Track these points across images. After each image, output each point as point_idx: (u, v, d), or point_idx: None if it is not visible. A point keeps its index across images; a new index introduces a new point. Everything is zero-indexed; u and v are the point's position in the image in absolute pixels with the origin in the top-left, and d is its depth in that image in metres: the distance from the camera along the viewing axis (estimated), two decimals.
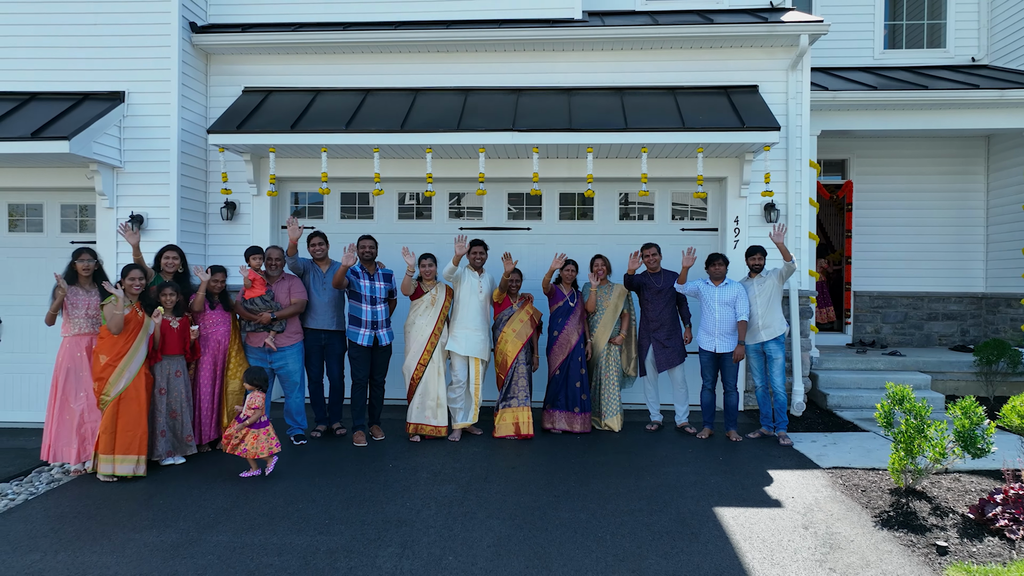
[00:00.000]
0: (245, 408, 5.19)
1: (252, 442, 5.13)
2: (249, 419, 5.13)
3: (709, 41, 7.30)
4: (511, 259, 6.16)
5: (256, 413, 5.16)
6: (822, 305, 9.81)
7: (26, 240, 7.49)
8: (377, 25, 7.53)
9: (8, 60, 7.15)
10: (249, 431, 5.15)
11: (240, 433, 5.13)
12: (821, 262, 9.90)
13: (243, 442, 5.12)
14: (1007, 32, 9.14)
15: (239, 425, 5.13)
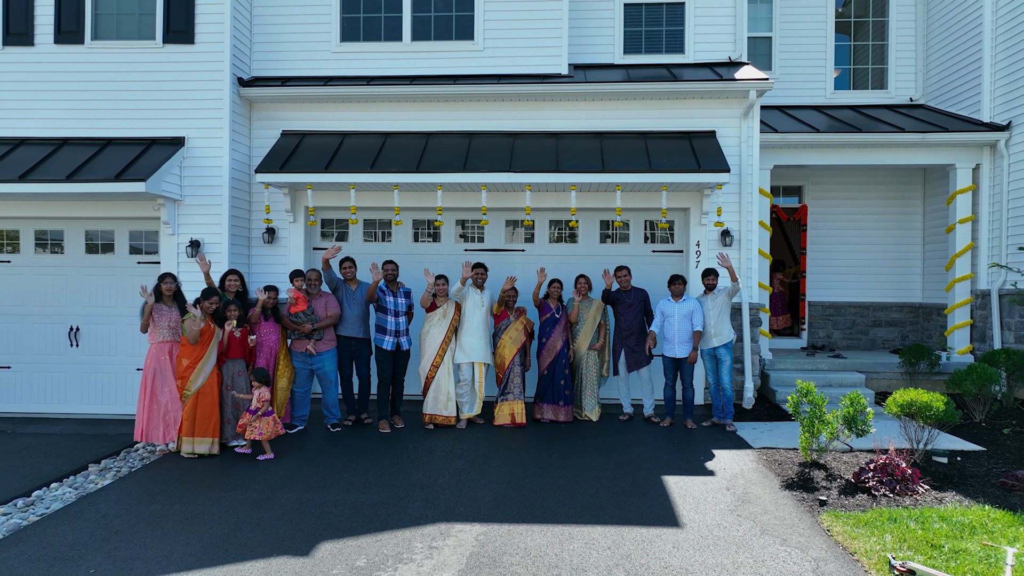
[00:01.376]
0: (256, 401, 6.53)
1: (268, 427, 6.48)
2: (260, 410, 6.48)
3: (674, 94, 8.69)
4: (510, 280, 7.58)
5: (265, 405, 6.51)
6: (779, 313, 11.21)
7: (100, 260, 8.87)
8: (395, 79, 8.92)
9: (89, 111, 8.54)
10: (262, 419, 6.50)
11: (257, 422, 6.44)
12: (778, 275, 11.27)
13: (258, 428, 6.43)
14: (938, 76, 10.53)
15: (252, 416, 6.47)
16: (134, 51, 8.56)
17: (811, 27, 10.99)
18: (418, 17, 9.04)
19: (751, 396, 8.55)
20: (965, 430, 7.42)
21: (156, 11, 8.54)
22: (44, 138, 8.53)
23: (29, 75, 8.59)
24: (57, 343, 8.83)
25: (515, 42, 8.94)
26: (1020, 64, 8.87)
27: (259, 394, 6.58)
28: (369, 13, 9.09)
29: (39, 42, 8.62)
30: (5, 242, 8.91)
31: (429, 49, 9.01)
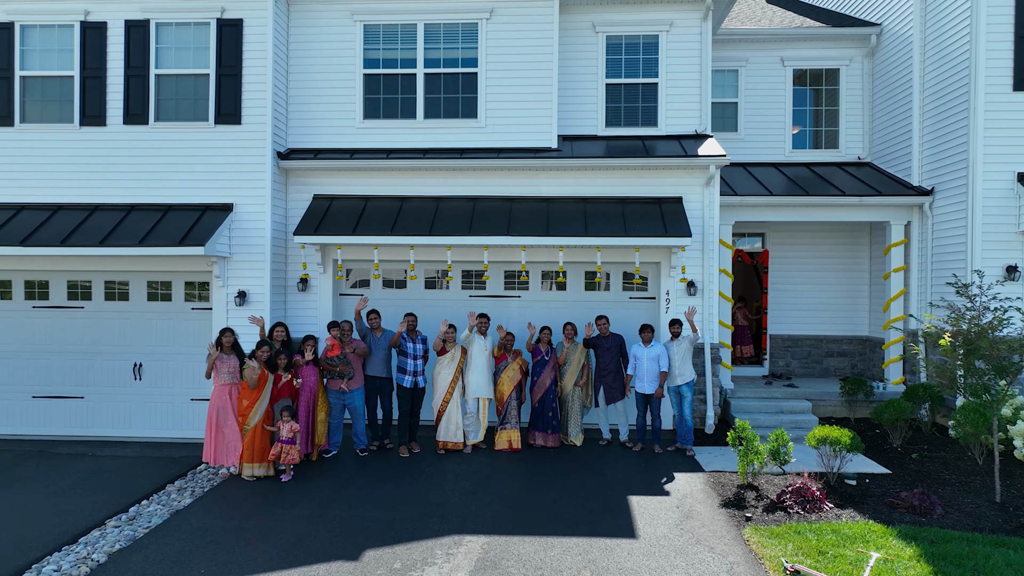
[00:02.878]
0: (287, 432, 8.05)
1: (296, 453, 8.03)
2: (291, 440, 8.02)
3: (647, 167, 10.25)
4: (503, 329, 9.16)
5: (296, 435, 8.06)
6: (745, 344, 12.78)
7: (159, 307, 10.43)
8: (410, 151, 10.47)
9: (152, 181, 10.11)
10: (293, 447, 8.05)
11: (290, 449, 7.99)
12: (743, 310, 12.83)
13: (288, 454, 7.98)
14: (881, 139, 12.09)
15: (284, 445, 8.00)
16: (190, 130, 10.12)
17: (771, 95, 12.57)
18: (430, 98, 10.60)
19: (712, 423, 10.12)
20: (883, 453, 8.99)
21: (209, 97, 10.11)
22: (115, 204, 10.09)
23: (102, 151, 10.16)
24: (123, 377, 10.40)
25: (512, 120, 10.49)
26: (942, 138, 10.42)
27: (291, 426, 8.13)
28: (388, 94, 10.65)
29: (110, 123, 10.19)
30: (79, 291, 10.47)
31: (439, 126, 10.57)
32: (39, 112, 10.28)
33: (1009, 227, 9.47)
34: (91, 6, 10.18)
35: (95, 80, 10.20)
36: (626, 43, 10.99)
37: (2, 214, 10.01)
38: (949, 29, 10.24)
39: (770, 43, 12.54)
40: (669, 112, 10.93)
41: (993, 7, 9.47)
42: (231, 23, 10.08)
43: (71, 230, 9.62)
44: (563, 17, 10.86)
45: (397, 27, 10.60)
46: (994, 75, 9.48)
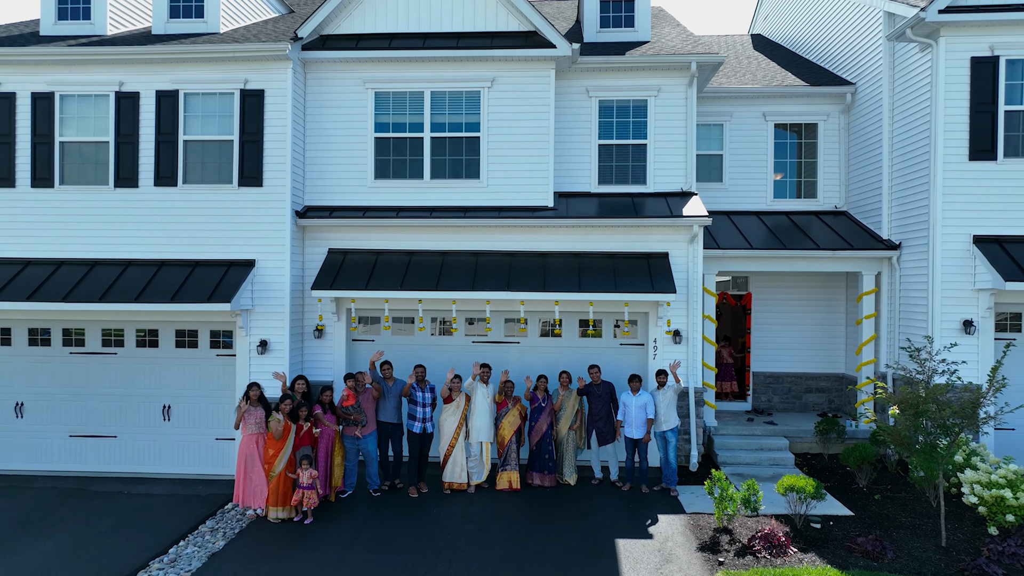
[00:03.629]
0: (306, 479, 8.92)
1: (315, 497, 8.91)
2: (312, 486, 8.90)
3: (636, 225, 11.12)
4: (506, 373, 10.07)
5: (314, 481, 8.93)
6: (730, 380, 13.65)
7: (186, 353, 11.30)
8: (418, 210, 11.34)
9: (181, 238, 10.99)
10: (312, 491, 8.93)
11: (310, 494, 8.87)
12: (728, 348, 13.70)
13: (309, 499, 8.86)
14: (856, 191, 12.97)
15: (303, 490, 8.88)
16: (216, 192, 11.01)
17: (754, 147, 13.45)
18: (436, 160, 11.48)
19: (696, 461, 11.00)
20: (849, 493, 9.87)
21: (233, 161, 11.00)
22: (147, 260, 10.98)
23: (134, 210, 11.05)
24: (153, 418, 11.29)
25: (512, 180, 11.37)
26: (908, 196, 11.29)
27: (310, 473, 9.00)
28: (397, 156, 11.53)
29: (142, 184, 11.07)
30: (113, 338, 11.35)
31: (445, 186, 11.44)
32: (77, 174, 11.17)
33: (966, 285, 10.35)
34: (125, 78, 11.07)
35: (128, 145, 11.08)
36: (617, 107, 11.87)
37: (45, 269, 10.89)
38: (913, 98, 11.12)
39: (753, 99, 13.41)
40: (657, 171, 11.80)
41: (951, 84, 10.34)
42: (253, 93, 10.97)
43: (108, 286, 10.51)
44: (559, 83, 11.74)
45: (406, 94, 11.48)
46: (952, 146, 10.36)
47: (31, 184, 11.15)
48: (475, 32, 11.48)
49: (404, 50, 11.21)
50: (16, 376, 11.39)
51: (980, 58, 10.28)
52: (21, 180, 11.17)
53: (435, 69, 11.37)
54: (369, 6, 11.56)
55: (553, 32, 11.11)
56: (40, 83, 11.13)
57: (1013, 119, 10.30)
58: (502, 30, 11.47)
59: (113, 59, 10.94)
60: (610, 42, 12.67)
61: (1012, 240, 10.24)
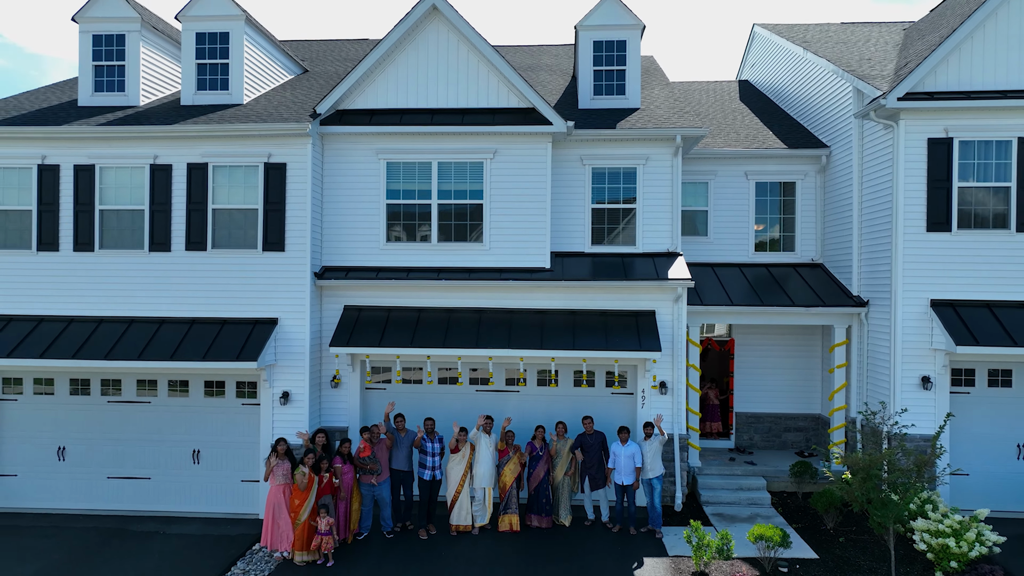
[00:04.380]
0: (324, 526, 9.97)
1: (332, 542, 9.97)
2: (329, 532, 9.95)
3: (626, 287, 12.17)
4: (509, 419, 11.15)
5: (331, 527, 9.97)
6: (715, 420, 14.69)
7: (214, 402, 12.36)
8: (426, 270, 12.39)
9: (210, 298, 12.05)
10: (330, 537, 9.98)
11: (328, 540, 9.93)
12: (714, 391, 14.74)
13: (327, 544, 9.92)
14: (831, 246, 14.03)
15: (321, 536, 9.93)
16: (242, 256, 12.06)
17: (736, 204, 14.52)
18: (442, 225, 12.54)
19: (680, 501, 12.06)
20: (817, 535, 10.91)
21: (258, 228, 12.06)
22: (180, 318, 12.04)
23: (167, 272, 12.11)
24: (184, 461, 12.34)
25: (512, 243, 12.42)
26: (875, 257, 12.34)
27: (327, 520, 10.06)
28: (407, 221, 12.59)
29: (174, 249, 12.13)
30: (147, 387, 12.41)
31: (450, 248, 12.50)
32: (115, 239, 12.23)
33: (924, 344, 11.39)
34: (159, 151, 12.14)
35: (162, 213, 12.15)
36: (609, 174, 12.93)
37: (87, 327, 11.95)
38: (878, 169, 12.18)
39: (736, 160, 14.47)
40: (645, 232, 12.85)
41: (910, 161, 11.40)
42: (276, 166, 12.03)
43: (145, 344, 11.57)
44: (555, 152, 12.79)
45: (415, 164, 12.54)
46: (911, 217, 11.41)
47: (73, 248, 12.22)
48: (478, 108, 12.54)
49: (414, 125, 12.27)
50: (59, 422, 12.45)
51: (936, 139, 11.34)
52: (64, 244, 12.23)
53: (442, 142, 12.43)
54: (381, 84, 12.62)
55: (549, 110, 12.17)
56: (82, 156, 12.20)
57: (965, 194, 11.35)
58: (503, 107, 12.53)
59: (149, 136, 12.01)
60: (603, 109, 13.73)
61: (965, 304, 11.29)
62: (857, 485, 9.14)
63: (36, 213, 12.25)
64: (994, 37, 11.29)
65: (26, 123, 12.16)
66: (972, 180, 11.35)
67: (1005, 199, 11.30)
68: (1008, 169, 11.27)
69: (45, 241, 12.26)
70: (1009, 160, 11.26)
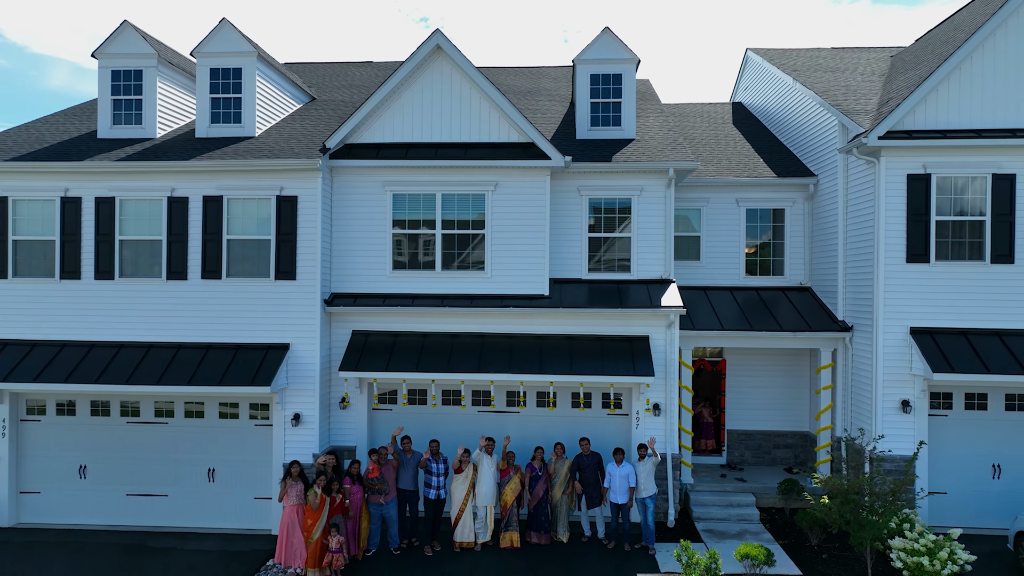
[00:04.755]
0: (334, 544, 10.56)
1: (342, 559, 10.57)
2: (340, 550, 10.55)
3: (621, 314, 12.77)
4: (509, 438, 11.76)
5: (340, 545, 10.58)
6: (709, 438, 15.28)
7: (228, 423, 12.96)
8: (431, 297, 12.99)
9: (225, 324, 12.64)
10: (340, 554, 10.58)
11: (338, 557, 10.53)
12: (707, 409, 15.34)
13: (336, 561, 10.53)
14: (819, 271, 14.63)
15: (332, 553, 10.53)
16: (255, 284, 12.67)
17: (728, 229, 15.12)
18: (446, 253, 13.14)
19: (673, 518, 12.66)
20: (802, 551, 11.50)
21: (270, 258, 12.66)
22: (196, 343, 12.64)
23: (184, 300, 12.71)
24: (199, 479, 12.94)
25: (512, 271, 13.02)
26: (859, 284, 12.94)
27: (337, 539, 10.66)
28: (412, 250, 13.20)
29: (191, 277, 12.74)
30: (164, 409, 13.01)
31: (454, 276, 13.10)
32: (134, 268, 12.84)
33: (904, 370, 11.99)
34: (176, 184, 12.74)
35: (179, 243, 12.75)
36: (605, 204, 13.54)
37: (107, 352, 12.55)
38: (862, 200, 12.78)
39: (727, 188, 15.07)
40: (640, 260, 13.46)
41: (891, 195, 11.99)
42: (288, 199, 12.64)
43: (164, 369, 12.18)
44: (554, 183, 13.39)
45: (420, 196, 13.15)
46: (892, 249, 12.01)
47: (94, 276, 12.82)
48: (480, 143, 13.14)
49: (419, 159, 12.89)
50: (80, 442, 13.06)
51: (915, 175, 11.95)
52: (86, 273, 12.83)
53: (446, 175, 13.04)
54: (387, 119, 13.23)
55: (548, 145, 12.77)
56: (103, 189, 12.80)
57: (943, 227, 11.96)
58: (504, 141, 13.13)
59: (166, 171, 12.62)
60: (599, 139, 14.34)
61: (943, 332, 11.89)
62: (836, 508, 9.74)
63: (59, 243, 12.86)
64: (969, 79, 11.89)
65: (50, 158, 12.76)
66: (949, 214, 11.95)
67: (980, 232, 11.90)
68: (983, 203, 11.88)
69: (68, 270, 12.86)
70: (984, 195, 11.87)
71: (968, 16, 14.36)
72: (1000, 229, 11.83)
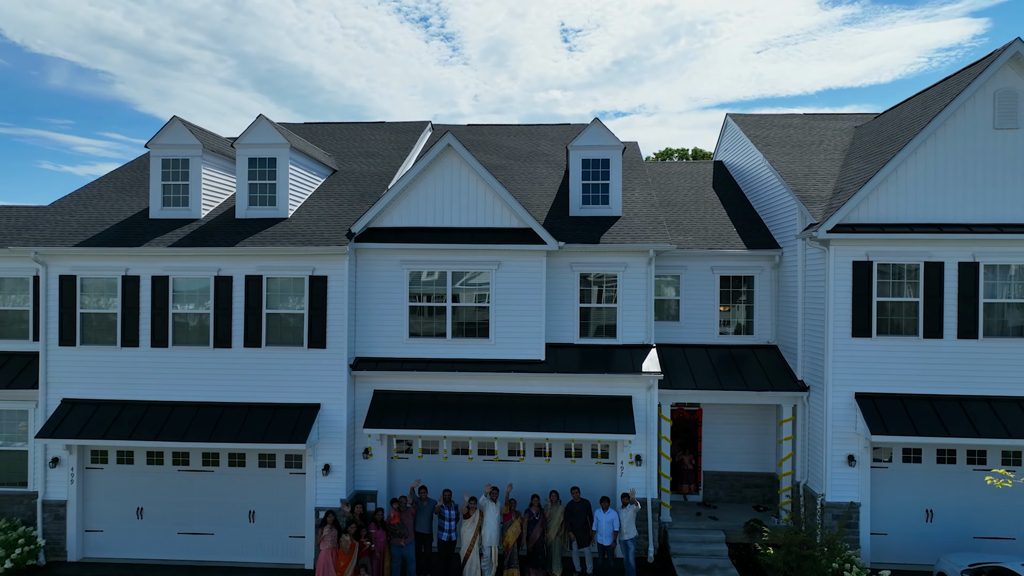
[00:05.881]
0: None
1: None
2: None
3: (608, 378, 14.73)
4: (511, 486, 13.72)
5: None
6: (690, 482, 17.20)
7: (266, 471, 14.92)
8: (442, 361, 14.95)
9: (265, 386, 14.62)
10: None
11: None
12: (688, 456, 17.28)
13: None
14: (784, 332, 16.60)
15: None
16: (290, 352, 14.63)
17: (704, 293, 17.07)
18: (456, 323, 15.11)
19: (652, 554, 14.63)
20: None
21: (304, 329, 14.62)
22: (239, 403, 14.60)
23: (229, 365, 14.67)
24: (241, 519, 14.91)
25: (514, 340, 14.98)
26: (814, 349, 14.89)
27: None
28: (426, 319, 15.16)
29: (234, 346, 14.69)
30: (210, 459, 14.98)
31: (462, 343, 15.07)
32: (185, 337, 14.80)
33: (850, 429, 13.95)
34: (222, 264, 14.71)
35: (224, 316, 14.71)
36: (594, 278, 15.50)
37: (163, 411, 14.52)
38: (817, 277, 14.74)
39: (703, 257, 17.02)
40: (624, 327, 15.41)
41: (838, 279, 13.95)
42: (319, 278, 14.61)
43: (213, 427, 14.14)
44: (549, 260, 15.35)
45: (433, 273, 15.11)
46: (839, 324, 13.97)
47: (151, 344, 14.79)
48: (485, 228, 15.11)
49: (432, 243, 14.86)
50: (137, 487, 15.03)
51: (859, 261, 13.92)
52: (143, 341, 14.80)
53: (455, 255, 15.00)
54: (404, 207, 15.20)
55: (544, 231, 14.73)
56: (158, 269, 14.77)
57: (883, 307, 13.92)
58: (506, 227, 15.10)
59: (213, 255, 14.59)
60: (590, 217, 16.29)
61: (882, 397, 13.85)
62: (780, 557, 11.70)
63: (120, 315, 14.82)
64: (905, 180, 13.86)
65: (112, 243, 14.72)
66: (888, 295, 13.91)
67: (914, 311, 13.87)
68: (917, 287, 13.84)
69: (128, 338, 14.83)
70: (917, 280, 13.84)
71: (914, 108, 16.30)
72: (931, 309, 13.79)
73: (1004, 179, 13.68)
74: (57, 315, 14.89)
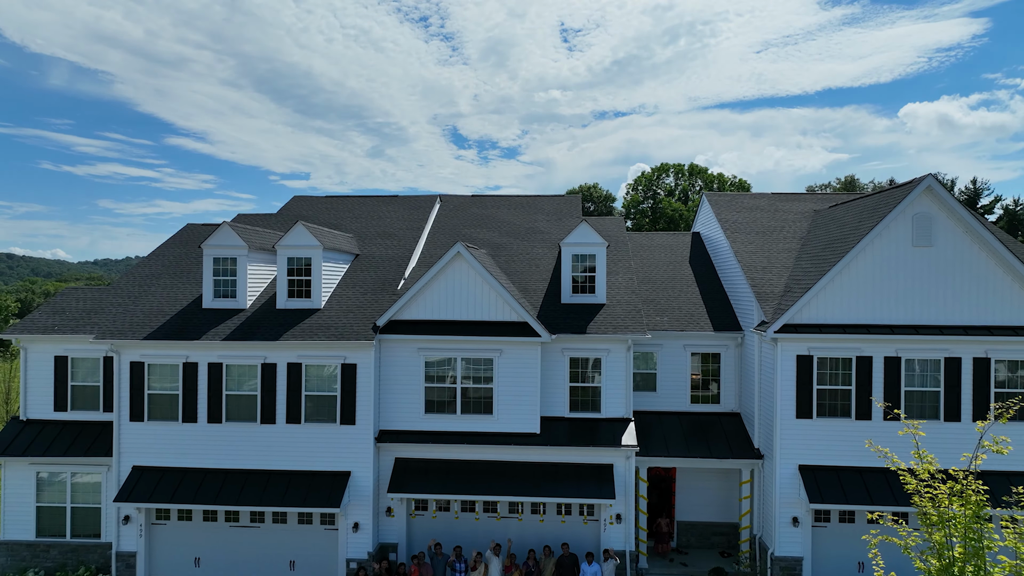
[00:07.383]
0: None
1: None
2: None
3: (591, 449, 17.46)
4: (511, 541, 16.44)
5: None
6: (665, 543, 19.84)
7: (305, 528, 17.64)
8: (453, 434, 17.68)
9: (305, 456, 17.37)
10: None
11: None
12: (664, 520, 19.94)
13: None
14: (745, 401, 19.34)
15: None
16: (325, 428, 17.38)
17: (677, 367, 19.82)
18: (464, 401, 17.85)
19: None
20: None
21: (336, 408, 17.37)
22: (282, 471, 17.34)
23: (273, 438, 17.41)
24: (283, 568, 17.65)
25: (513, 415, 17.71)
26: (768, 425, 17.61)
27: None
28: (439, 399, 17.90)
29: (278, 422, 17.44)
30: (257, 516, 17.73)
31: (470, 418, 17.79)
32: (236, 414, 17.54)
33: (795, 495, 16.68)
34: (267, 353, 17.46)
35: (269, 396, 17.46)
36: (581, 361, 18.24)
37: (217, 477, 17.27)
38: (768, 364, 17.47)
39: (677, 337, 19.77)
40: (607, 402, 18.14)
41: (785, 369, 16.68)
42: (350, 365, 17.35)
43: (261, 492, 16.88)
44: (543, 348, 18.10)
45: (445, 359, 17.86)
46: (786, 407, 16.70)
47: (207, 420, 17.53)
48: (489, 322, 17.85)
49: (444, 334, 17.61)
50: (195, 540, 17.77)
51: (802, 355, 16.65)
52: (201, 418, 17.54)
53: (463, 344, 17.74)
54: (421, 303, 17.95)
55: (539, 325, 17.48)
56: (213, 356, 17.52)
57: (823, 394, 16.66)
58: (507, 320, 17.83)
59: (260, 347, 17.34)
60: (578, 304, 19.03)
61: (821, 469, 16.59)
62: None
63: (181, 395, 17.57)
64: (840, 288, 16.60)
65: (174, 336, 17.46)
66: (827, 384, 16.65)
67: (848, 397, 16.60)
68: (850, 377, 16.58)
69: (187, 415, 17.57)
70: (850, 371, 16.59)
71: (861, 211, 19.02)
72: (861, 395, 16.54)
73: (922, 288, 16.43)
74: (128, 395, 17.64)
